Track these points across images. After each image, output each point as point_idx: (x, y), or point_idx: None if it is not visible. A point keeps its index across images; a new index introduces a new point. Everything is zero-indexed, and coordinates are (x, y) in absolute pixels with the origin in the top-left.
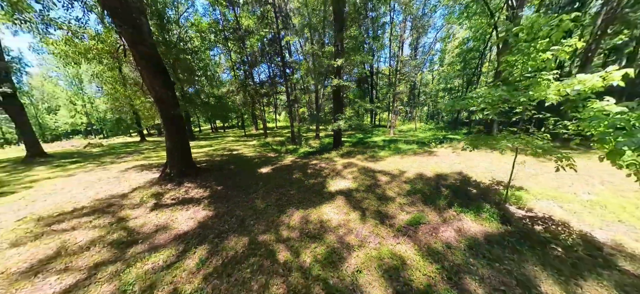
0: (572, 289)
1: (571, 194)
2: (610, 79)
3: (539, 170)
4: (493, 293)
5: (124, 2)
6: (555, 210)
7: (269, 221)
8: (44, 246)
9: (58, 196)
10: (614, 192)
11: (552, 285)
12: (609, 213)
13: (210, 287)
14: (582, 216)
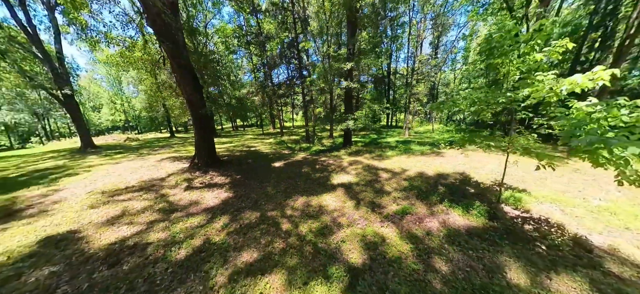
0: (539, 280)
1: (579, 199)
2: (598, 79)
3: (548, 174)
4: (456, 271)
5: (167, 24)
6: (555, 213)
7: (277, 203)
8: (112, 209)
9: (112, 178)
10: (631, 200)
11: (519, 274)
12: (616, 220)
13: (231, 239)
14: (584, 220)
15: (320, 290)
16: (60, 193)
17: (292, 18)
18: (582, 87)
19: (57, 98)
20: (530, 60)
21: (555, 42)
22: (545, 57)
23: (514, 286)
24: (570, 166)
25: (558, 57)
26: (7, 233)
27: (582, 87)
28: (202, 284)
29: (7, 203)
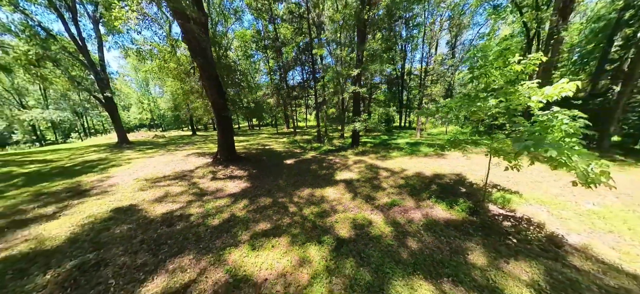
0: (496, 263)
1: (572, 203)
2: (562, 91)
3: (545, 178)
4: (424, 249)
5: (199, 43)
6: (541, 214)
7: (287, 192)
8: (157, 192)
9: (149, 169)
10: (627, 206)
11: (479, 256)
12: (603, 223)
13: (250, 215)
14: (568, 222)
15: (314, 249)
16: (112, 179)
17: (307, 24)
18: (550, 97)
19: (99, 100)
20: (508, 72)
21: (531, 55)
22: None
23: (470, 264)
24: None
25: (535, 69)
26: (86, 205)
27: (548, 97)
28: (232, 239)
29: (75, 185)
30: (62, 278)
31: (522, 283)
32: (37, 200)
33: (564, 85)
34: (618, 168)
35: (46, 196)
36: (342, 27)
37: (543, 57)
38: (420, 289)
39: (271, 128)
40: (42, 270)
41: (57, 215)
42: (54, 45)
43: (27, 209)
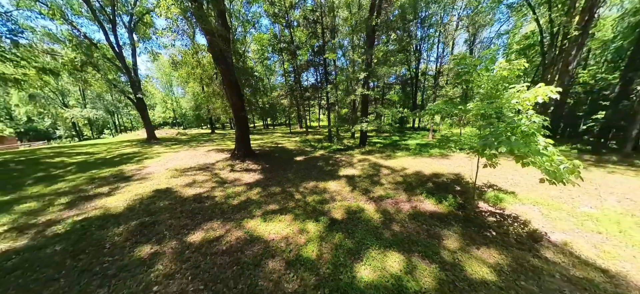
0: (467, 248)
1: (568, 205)
2: (537, 95)
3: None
4: (404, 232)
5: (222, 52)
6: (531, 213)
7: (294, 184)
8: (186, 179)
9: (177, 161)
10: (627, 211)
11: (453, 242)
12: (594, 224)
13: (263, 199)
14: (557, 222)
15: (311, 224)
16: (147, 169)
17: (321, 28)
18: (528, 100)
19: (132, 100)
20: (495, 79)
21: (516, 61)
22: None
23: (441, 246)
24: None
25: (520, 74)
26: (132, 187)
27: (526, 101)
28: (248, 214)
29: (119, 173)
30: (131, 230)
31: (485, 265)
32: (92, 183)
33: (538, 90)
34: (633, 173)
35: (98, 180)
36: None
37: (525, 64)
38: (391, 258)
39: (285, 127)
40: (115, 226)
41: (112, 193)
42: (95, 53)
43: (87, 189)
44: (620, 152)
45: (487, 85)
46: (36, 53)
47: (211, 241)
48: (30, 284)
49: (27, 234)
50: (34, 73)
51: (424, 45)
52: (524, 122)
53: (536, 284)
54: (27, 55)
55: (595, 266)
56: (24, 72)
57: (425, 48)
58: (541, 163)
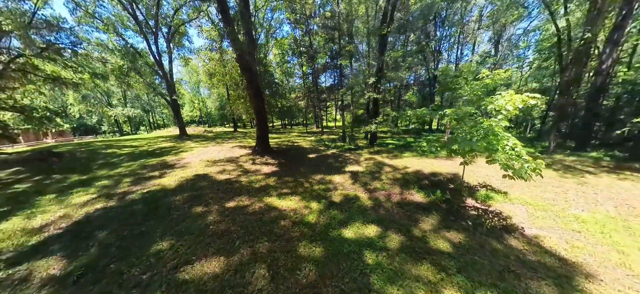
0: (438, 229)
1: (559, 207)
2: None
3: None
4: (388, 214)
5: (248, 62)
6: (517, 212)
7: (304, 175)
8: (217, 168)
9: (208, 154)
10: (619, 215)
11: (427, 224)
12: (577, 225)
13: (278, 185)
14: (538, 220)
15: (314, 203)
16: (185, 160)
17: (338, 34)
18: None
19: (168, 101)
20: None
21: (496, 71)
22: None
23: (415, 226)
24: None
25: (500, 82)
26: (176, 172)
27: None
28: (267, 194)
29: (162, 162)
30: (185, 198)
31: (448, 242)
32: (145, 169)
33: (512, 96)
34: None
35: (149, 167)
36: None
37: (504, 73)
38: (370, 228)
39: (302, 127)
40: (173, 195)
41: (163, 176)
42: (139, 60)
43: (142, 172)
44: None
45: (469, 93)
46: (90, 61)
47: (241, 207)
48: (131, 224)
49: (113, 199)
50: (88, 77)
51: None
52: (490, 125)
53: (488, 259)
54: (83, 62)
55: (555, 255)
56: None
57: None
58: (501, 161)
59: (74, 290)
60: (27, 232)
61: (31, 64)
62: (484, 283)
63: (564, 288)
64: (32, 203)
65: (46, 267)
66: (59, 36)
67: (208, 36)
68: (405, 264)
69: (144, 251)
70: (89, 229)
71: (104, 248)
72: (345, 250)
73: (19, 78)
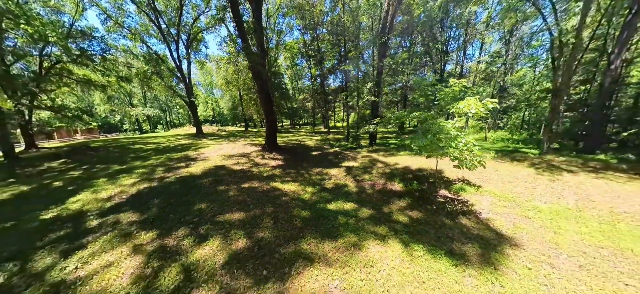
0: (403, 209)
1: (524, 199)
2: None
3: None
4: (366, 197)
5: (260, 72)
6: (482, 201)
7: (305, 169)
8: (232, 161)
9: (223, 150)
10: (578, 208)
11: (395, 205)
12: (532, 213)
13: (282, 175)
14: (499, 208)
15: (309, 188)
16: (204, 154)
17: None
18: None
19: (186, 102)
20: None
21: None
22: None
23: (386, 206)
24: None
25: (462, 88)
26: (198, 164)
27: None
28: (273, 181)
29: (185, 156)
30: (209, 181)
31: (408, 217)
32: (171, 161)
33: (469, 101)
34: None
35: (175, 159)
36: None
37: (464, 82)
38: (348, 204)
39: (310, 127)
40: (200, 179)
41: (189, 166)
42: (162, 65)
43: (171, 164)
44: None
45: (440, 99)
46: (117, 65)
47: (253, 188)
48: (175, 195)
49: (154, 181)
50: (114, 80)
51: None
52: (441, 125)
53: (434, 230)
54: (111, 67)
55: (496, 231)
56: (108, 79)
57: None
58: (451, 155)
59: (152, 226)
60: (99, 201)
61: (67, 69)
62: (420, 241)
63: (486, 249)
64: (91, 184)
65: (127, 217)
66: (91, 44)
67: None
68: (366, 225)
69: (189, 209)
70: (145, 199)
71: (161, 208)
72: (325, 215)
73: (56, 81)
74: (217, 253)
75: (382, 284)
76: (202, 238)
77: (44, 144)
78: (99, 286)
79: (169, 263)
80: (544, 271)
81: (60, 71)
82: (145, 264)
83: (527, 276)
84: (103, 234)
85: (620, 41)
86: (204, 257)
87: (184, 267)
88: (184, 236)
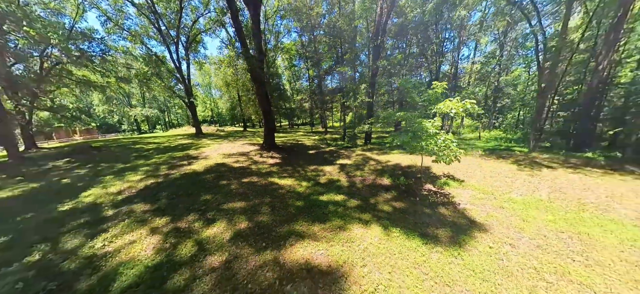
0: (388, 200)
1: (501, 192)
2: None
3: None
4: (356, 190)
5: (258, 74)
6: (463, 194)
7: (302, 166)
8: (232, 159)
9: (223, 150)
10: (549, 200)
11: (382, 197)
12: (507, 204)
13: (280, 171)
14: (477, 200)
15: (304, 182)
16: (205, 153)
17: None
18: (443, 110)
19: (185, 103)
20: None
21: (439, 83)
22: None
23: (372, 198)
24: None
25: (444, 91)
26: (200, 161)
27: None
28: (271, 176)
29: (187, 155)
30: (212, 177)
31: (391, 207)
32: (174, 159)
33: (447, 103)
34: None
35: (177, 158)
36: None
37: (445, 85)
38: (338, 196)
39: (308, 127)
40: (203, 175)
41: (191, 164)
42: (162, 67)
43: (173, 162)
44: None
45: (422, 100)
46: (116, 66)
47: (253, 182)
48: (181, 188)
49: (160, 177)
50: (114, 81)
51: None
52: (420, 124)
53: (413, 217)
54: (110, 67)
55: (469, 219)
56: (108, 80)
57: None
58: (429, 151)
59: (164, 214)
60: (110, 194)
61: (66, 70)
62: (399, 226)
63: (456, 232)
64: (100, 181)
65: (140, 207)
66: (91, 45)
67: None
68: (352, 213)
69: (196, 199)
70: (153, 192)
71: (170, 199)
72: (317, 204)
73: (56, 82)
74: (224, 231)
75: (359, 254)
76: (210, 221)
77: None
78: (128, 257)
79: (184, 239)
80: (504, 250)
81: (60, 72)
82: (164, 241)
83: (488, 253)
84: (120, 221)
85: (608, 43)
86: (213, 235)
87: (197, 242)
88: (193, 220)
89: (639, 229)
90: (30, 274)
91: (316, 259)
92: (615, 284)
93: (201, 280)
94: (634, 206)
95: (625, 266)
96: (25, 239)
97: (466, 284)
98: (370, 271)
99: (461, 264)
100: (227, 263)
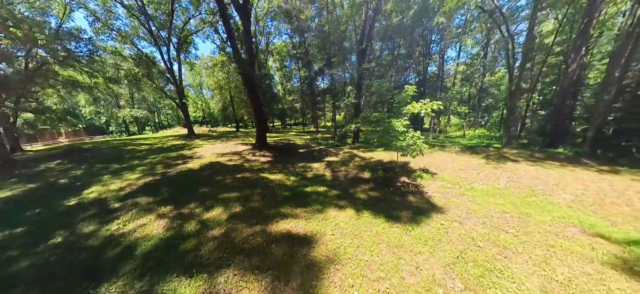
0: (365, 190)
1: (467, 183)
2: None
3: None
4: (339, 182)
5: (249, 76)
6: (432, 185)
7: (292, 164)
8: (226, 158)
9: (216, 149)
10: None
11: (361, 188)
12: (469, 192)
13: (271, 169)
14: (443, 189)
15: (293, 177)
16: (199, 153)
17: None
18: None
19: (177, 104)
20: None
21: (408, 87)
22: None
23: (351, 189)
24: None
25: (414, 93)
26: (195, 161)
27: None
28: (263, 173)
29: (181, 155)
30: (207, 174)
31: (367, 195)
32: (169, 159)
33: (414, 104)
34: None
35: (171, 158)
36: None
37: (414, 88)
38: (321, 188)
39: (301, 127)
40: (199, 172)
41: (186, 163)
42: (153, 68)
43: (169, 162)
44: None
45: (396, 102)
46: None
47: (246, 177)
48: (180, 185)
49: (157, 176)
50: (102, 82)
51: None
52: (390, 124)
53: (385, 203)
54: (99, 68)
55: (431, 203)
56: (95, 80)
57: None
58: (397, 146)
59: (167, 203)
60: (111, 192)
61: (53, 70)
62: (370, 209)
63: (416, 214)
64: (98, 180)
65: (144, 200)
66: (78, 45)
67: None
68: (331, 200)
69: (195, 192)
70: (154, 188)
71: (170, 193)
72: (302, 194)
73: (41, 83)
74: (221, 214)
75: (331, 228)
76: (209, 207)
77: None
78: (142, 234)
79: (188, 220)
80: (452, 226)
81: (46, 72)
82: (171, 222)
83: (438, 228)
84: (128, 211)
85: (576, 47)
86: (212, 216)
87: (200, 222)
88: (195, 207)
89: (571, 209)
90: (58, 251)
91: (296, 230)
92: (529, 247)
93: (206, 245)
94: (573, 192)
95: (545, 236)
96: (43, 227)
97: (411, 247)
98: (337, 238)
99: (413, 234)
100: (225, 233)
